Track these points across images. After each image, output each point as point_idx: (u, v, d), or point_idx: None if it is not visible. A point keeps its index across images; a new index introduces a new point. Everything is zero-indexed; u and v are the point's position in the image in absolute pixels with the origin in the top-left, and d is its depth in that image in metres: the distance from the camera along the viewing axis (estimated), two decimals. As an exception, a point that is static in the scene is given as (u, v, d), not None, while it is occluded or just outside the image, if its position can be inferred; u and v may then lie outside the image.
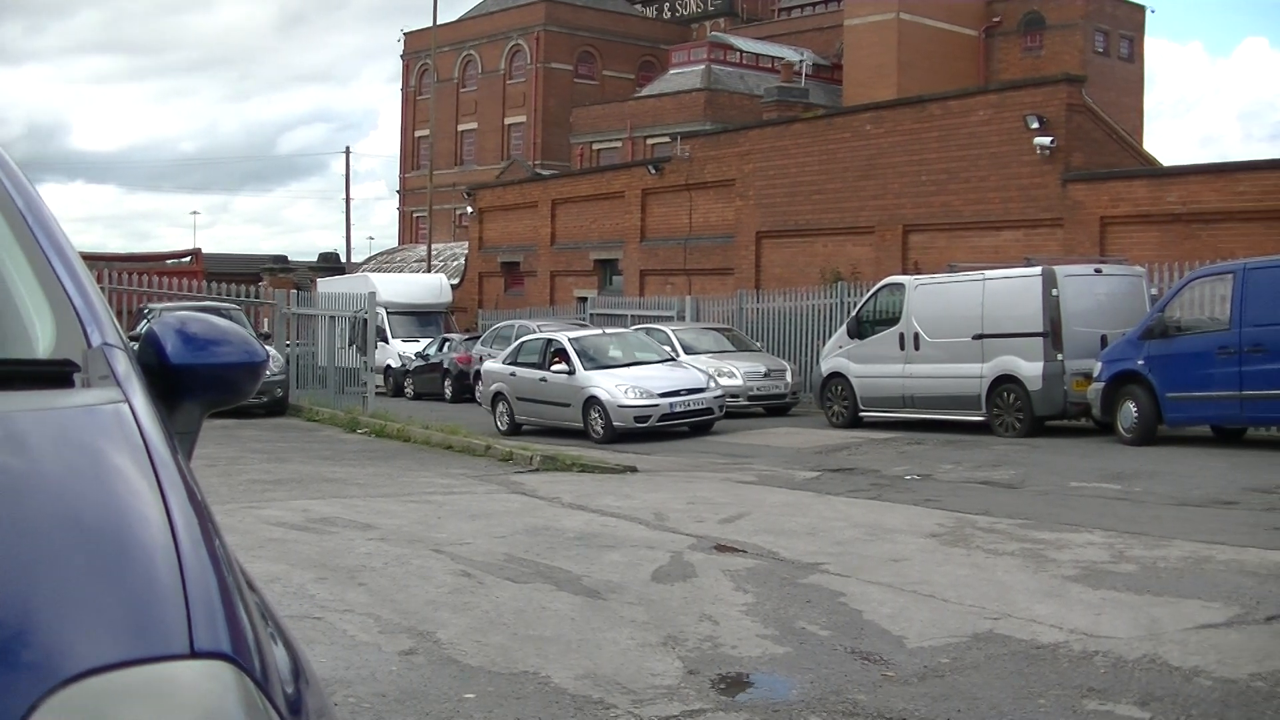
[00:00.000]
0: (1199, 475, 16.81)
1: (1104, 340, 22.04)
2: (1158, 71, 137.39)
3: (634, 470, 18.60)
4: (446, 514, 14.04)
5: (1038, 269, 23.14)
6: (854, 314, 27.38)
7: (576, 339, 27.36)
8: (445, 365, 39.53)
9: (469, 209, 55.86)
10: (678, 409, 25.05)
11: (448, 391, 38.80)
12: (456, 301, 50.91)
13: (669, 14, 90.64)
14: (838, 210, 37.03)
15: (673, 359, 27.91)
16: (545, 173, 62.42)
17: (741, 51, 73.92)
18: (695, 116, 66.03)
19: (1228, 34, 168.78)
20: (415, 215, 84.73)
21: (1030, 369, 22.61)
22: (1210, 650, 7.77)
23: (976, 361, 23.58)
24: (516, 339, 36.39)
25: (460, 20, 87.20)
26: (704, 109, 67.09)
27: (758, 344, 33.16)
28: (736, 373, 29.40)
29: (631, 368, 26.20)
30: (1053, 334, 22.54)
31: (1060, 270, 22.98)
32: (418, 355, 42.00)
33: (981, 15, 68.16)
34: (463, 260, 58.22)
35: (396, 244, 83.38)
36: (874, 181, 35.88)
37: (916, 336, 24.87)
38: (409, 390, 41.01)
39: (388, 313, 41.62)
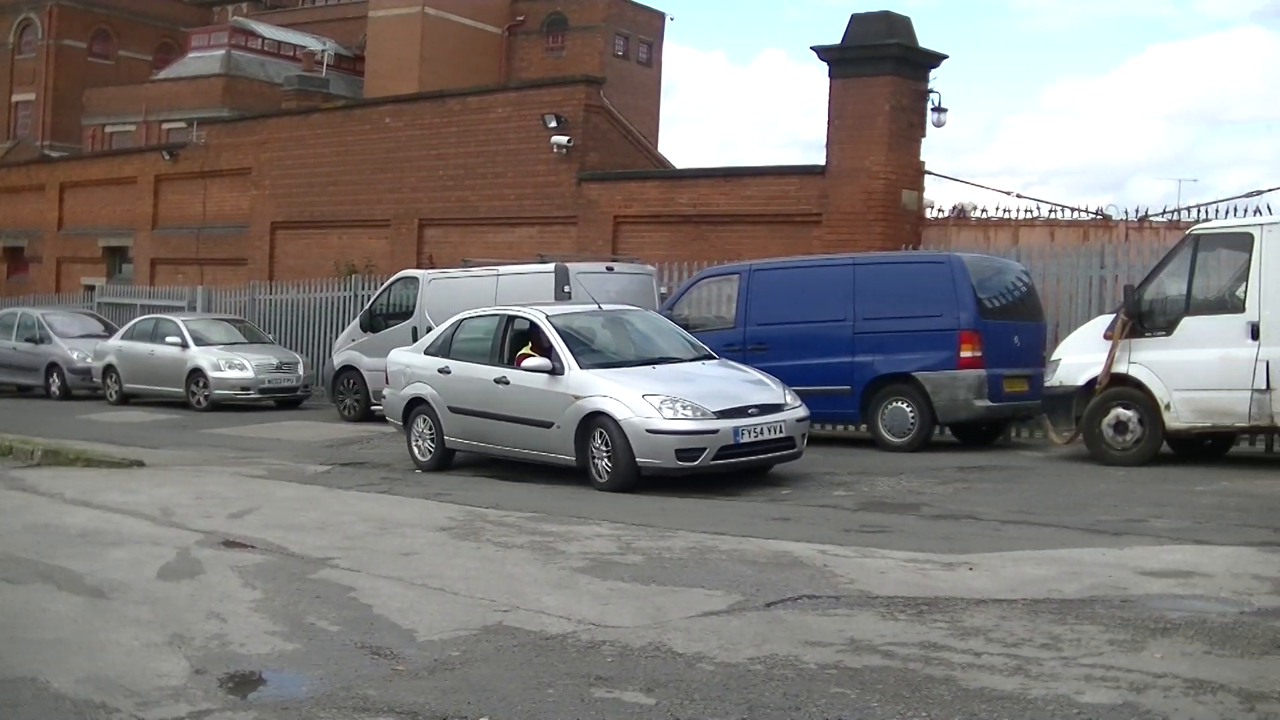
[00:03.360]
0: (702, 469, 17.37)
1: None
2: (681, 77, 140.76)
3: (141, 465, 18.03)
4: (-62, 511, 13.40)
5: (551, 265, 23.50)
6: (367, 307, 27.43)
7: (557, 317, 17.43)
8: (-63, 355, 37.45)
9: (-31, 189, 53.25)
10: (744, 439, 15.45)
11: (-60, 382, 36.77)
12: (-47, 287, 48.51)
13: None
14: (354, 202, 36.85)
15: (711, 356, 17.60)
16: (54, 154, 59.99)
17: (263, 38, 72.66)
18: (213, 102, 64.56)
19: (749, 45, 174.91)
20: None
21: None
22: (712, 636, 8.02)
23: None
24: (18, 329, 34.77)
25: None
26: (223, 95, 65.70)
27: (270, 336, 32.92)
28: (248, 365, 29.30)
29: (656, 367, 16.62)
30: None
31: (573, 267, 23.40)
32: (-93, 345, 39.79)
33: (505, 14, 68.85)
34: (-39, 244, 55.48)
35: (-112, 224, 78.84)
36: (391, 175, 35.84)
37: (430, 330, 24.92)
38: (-104, 381, 38.77)
39: (-126, 298, 39.26)
